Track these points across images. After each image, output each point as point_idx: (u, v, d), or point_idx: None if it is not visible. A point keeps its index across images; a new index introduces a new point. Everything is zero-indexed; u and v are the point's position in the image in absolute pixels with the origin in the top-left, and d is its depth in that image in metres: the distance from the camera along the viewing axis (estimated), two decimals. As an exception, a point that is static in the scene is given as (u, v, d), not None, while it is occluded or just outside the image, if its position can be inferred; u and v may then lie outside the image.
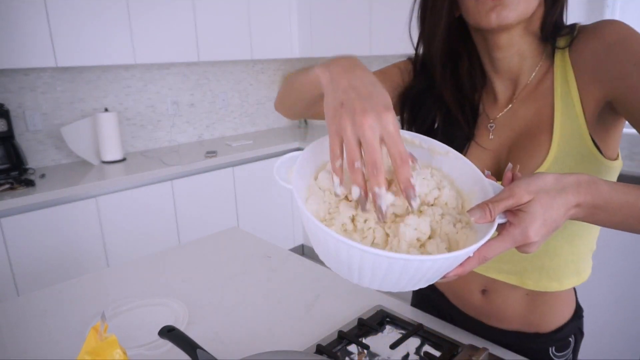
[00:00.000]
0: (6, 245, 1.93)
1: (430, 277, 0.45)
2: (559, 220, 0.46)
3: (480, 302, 0.82)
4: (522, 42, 0.68)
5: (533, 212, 0.45)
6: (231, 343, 0.86)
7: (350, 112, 0.44)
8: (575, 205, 0.46)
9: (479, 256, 0.45)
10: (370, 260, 0.41)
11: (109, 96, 2.68)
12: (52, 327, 0.93)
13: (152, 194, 2.37)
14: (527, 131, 0.69)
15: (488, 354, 0.75)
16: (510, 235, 0.46)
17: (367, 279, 0.45)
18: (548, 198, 0.45)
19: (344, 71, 0.47)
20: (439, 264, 0.42)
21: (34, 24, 2.08)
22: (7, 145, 2.23)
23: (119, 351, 0.53)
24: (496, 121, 0.74)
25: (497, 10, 0.61)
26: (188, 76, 3.01)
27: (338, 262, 0.45)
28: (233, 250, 1.29)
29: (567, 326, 0.80)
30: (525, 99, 0.71)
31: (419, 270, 0.42)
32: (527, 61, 0.70)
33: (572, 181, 0.46)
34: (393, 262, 0.41)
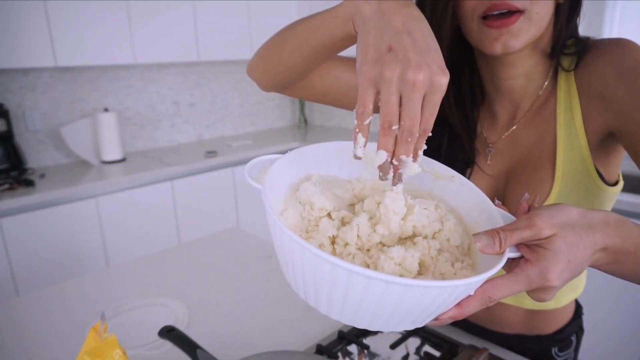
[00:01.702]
0: (6, 245, 1.93)
1: (419, 315, 0.36)
2: (583, 264, 0.38)
3: (481, 312, 0.81)
4: (530, 62, 0.62)
5: (556, 250, 0.36)
6: (231, 343, 0.86)
7: (402, 61, 0.34)
8: (602, 249, 0.39)
9: (483, 296, 0.37)
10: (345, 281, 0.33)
11: (108, 96, 2.68)
12: (52, 327, 0.93)
13: (152, 194, 2.37)
14: (527, 161, 0.64)
15: (488, 354, 0.75)
16: (525, 274, 0.37)
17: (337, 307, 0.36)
18: (574, 236, 0.37)
19: (399, 6, 0.36)
20: (431, 296, 0.33)
21: (34, 24, 2.07)
22: (6, 145, 2.23)
23: (118, 351, 0.53)
24: (495, 146, 0.68)
25: (502, 40, 0.55)
26: (188, 76, 3.01)
27: (308, 282, 0.37)
28: (233, 250, 1.29)
29: (569, 326, 0.80)
30: (526, 123, 0.65)
31: (406, 300, 0.33)
32: (533, 83, 0.64)
33: (600, 219, 0.39)
34: (372, 283, 0.32)
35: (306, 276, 0.36)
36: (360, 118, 0.38)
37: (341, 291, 0.34)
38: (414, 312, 0.35)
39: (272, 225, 0.37)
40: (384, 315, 0.35)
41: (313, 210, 0.43)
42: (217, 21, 2.72)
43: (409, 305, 0.34)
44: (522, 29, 0.55)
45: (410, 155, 0.37)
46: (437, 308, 0.36)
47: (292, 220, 0.43)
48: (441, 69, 0.35)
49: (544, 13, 0.56)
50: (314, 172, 0.48)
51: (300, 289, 0.40)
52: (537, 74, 0.64)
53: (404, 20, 0.35)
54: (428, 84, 0.34)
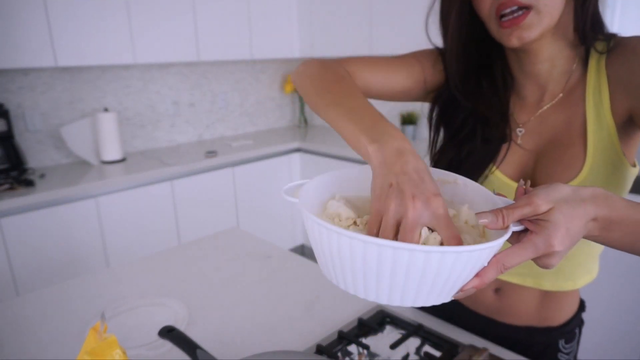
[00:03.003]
0: (6, 245, 1.93)
1: (444, 285, 0.41)
2: (580, 232, 0.44)
3: (492, 300, 0.82)
4: (553, 47, 0.67)
5: (555, 221, 0.43)
6: (231, 343, 0.86)
7: (399, 193, 0.43)
8: (593, 219, 0.45)
9: (497, 264, 0.43)
10: (369, 254, 0.39)
11: (108, 96, 2.68)
12: (52, 327, 0.93)
13: (152, 194, 2.37)
14: (557, 140, 0.69)
15: (488, 354, 0.75)
16: (532, 243, 0.43)
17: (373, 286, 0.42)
18: (569, 208, 0.43)
19: (397, 155, 0.45)
20: (450, 262, 0.39)
21: (34, 24, 2.07)
22: (6, 145, 2.23)
23: (118, 351, 0.53)
24: (525, 126, 0.73)
25: (516, 34, 0.62)
26: (188, 76, 3.01)
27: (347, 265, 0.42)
28: (233, 250, 1.29)
29: (574, 318, 0.82)
30: (556, 106, 0.70)
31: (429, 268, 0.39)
32: (558, 68, 0.69)
33: (589, 194, 0.45)
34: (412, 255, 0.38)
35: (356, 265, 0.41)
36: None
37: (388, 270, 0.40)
38: (439, 281, 0.40)
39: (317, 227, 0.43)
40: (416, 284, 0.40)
41: (341, 221, 0.49)
42: (217, 21, 2.72)
43: (433, 274, 0.39)
44: (532, 22, 0.60)
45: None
46: (459, 277, 0.41)
47: None
48: (433, 193, 0.42)
49: (552, 3, 0.60)
50: (341, 192, 0.54)
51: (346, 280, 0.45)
52: (562, 59, 0.68)
53: (401, 166, 0.44)
54: (425, 206, 0.41)
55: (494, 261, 0.43)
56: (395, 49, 2.62)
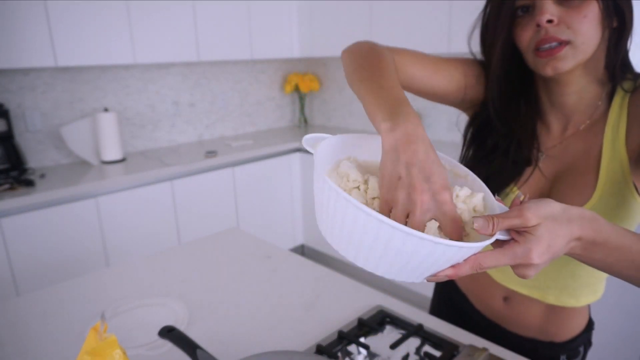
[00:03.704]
0: (6, 245, 1.93)
1: (425, 267, 0.44)
2: (561, 250, 0.46)
3: (500, 308, 0.85)
4: (582, 81, 0.70)
5: (539, 236, 0.45)
6: (231, 343, 0.86)
7: (408, 187, 0.44)
8: (577, 238, 0.47)
9: (474, 262, 0.45)
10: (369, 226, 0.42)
11: (108, 96, 2.68)
12: (52, 327, 0.93)
13: (152, 194, 2.37)
14: (574, 167, 0.72)
15: (488, 354, 0.76)
16: (513, 251, 0.45)
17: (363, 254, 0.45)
18: (555, 225, 0.45)
19: (408, 142, 0.45)
20: (427, 250, 0.42)
21: (34, 24, 2.07)
22: (6, 145, 2.23)
23: (118, 351, 0.53)
24: (547, 152, 0.77)
25: (551, 64, 0.65)
26: (188, 76, 3.01)
27: (345, 232, 0.45)
28: (233, 250, 1.29)
29: (580, 337, 0.83)
30: (577, 135, 0.74)
31: (415, 251, 0.42)
32: (585, 100, 0.72)
33: (577, 214, 0.47)
34: (394, 234, 0.41)
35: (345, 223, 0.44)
36: None
37: (369, 238, 0.43)
38: (414, 259, 0.43)
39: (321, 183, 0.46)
40: (400, 262, 0.44)
41: (349, 182, 0.51)
42: (217, 21, 2.72)
43: (421, 256, 0.42)
44: (567, 55, 0.64)
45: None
46: (436, 263, 0.44)
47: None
48: (442, 187, 0.44)
49: (588, 41, 0.64)
50: (356, 155, 0.57)
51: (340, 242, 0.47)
52: (589, 94, 0.72)
53: (411, 155, 0.45)
54: (432, 201, 0.44)
55: (472, 259, 0.45)
56: (395, 49, 2.63)
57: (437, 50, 2.34)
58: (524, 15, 0.68)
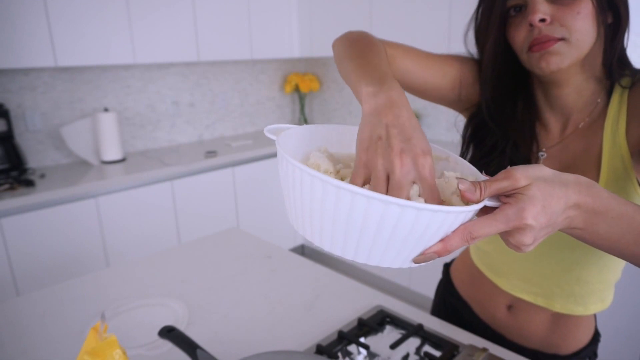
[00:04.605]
0: (6, 245, 1.93)
1: (411, 244, 0.40)
2: (559, 213, 0.42)
3: (504, 317, 0.84)
4: (580, 79, 0.69)
5: (532, 195, 0.41)
6: (231, 343, 0.86)
7: (388, 148, 0.41)
8: (575, 205, 0.43)
9: (464, 231, 0.40)
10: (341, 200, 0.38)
11: (108, 96, 2.68)
12: (52, 327, 0.93)
13: (152, 194, 2.37)
14: (575, 166, 0.71)
15: (488, 354, 0.75)
16: (504, 214, 0.41)
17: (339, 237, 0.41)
18: (548, 186, 0.41)
19: (390, 106, 0.44)
20: (423, 221, 0.38)
21: (34, 24, 2.07)
22: (6, 145, 2.23)
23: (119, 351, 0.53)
24: (547, 151, 0.75)
25: (545, 59, 0.63)
26: (188, 76, 3.01)
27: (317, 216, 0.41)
28: (233, 250, 1.29)
29: (584, 350, 0.81)
30: (577, 134, 0.72)
31: (397, 223, 0.37)
32: (583, 98, 0.71)
33: (572, 179, 0.43)
34: (372, 204, 0.37)
35: (313, 206, 0.40)
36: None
37: (344, 217, 0.38)
38: (397, 234, 0.39)
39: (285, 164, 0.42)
40: (375, 242, 0.39)
41: (320, 172, 0.46)
42: (217, 21, 2.72)
43: (405, 228, 0.38)
44: (561, 50, 0.62)
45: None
46: (422, 237, 0.39)
47: None
48: (422, 150, 0.41)
49: (583, 38, 0.62)
50: (327, 146, 0.54)
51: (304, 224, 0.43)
52: (587, 91, 0.70)
53: (393, 117, 0.42)
54: (413, 164, 0.40)
55: (462, 228, 0.40)
56: (395, 49, 2.63)
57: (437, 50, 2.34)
58: (516, 15, 0.67)
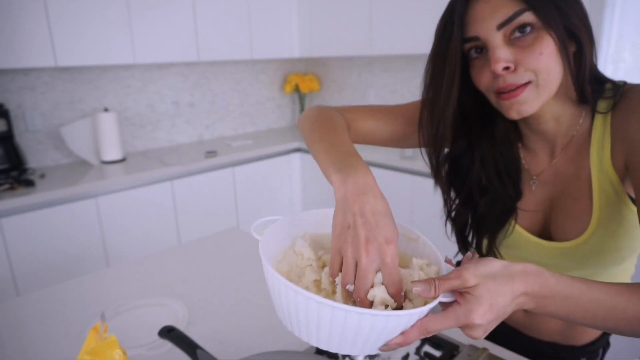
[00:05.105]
0: (6, 245, 1.93)
1: (374, 338, 0.45)
2: (505, 307, 0.46)
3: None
4: (556, 108, 0.67)
5: (479, 296, 0.45)
6: (231, 343, 0.86)
7: (355, 237, 0.46)
8: (523, 294, 0.47)
9: (421, 327, 0.45)
10: (310, 308, 0.43)
11: (108, 96, 2.68)
12: (52, 327, 0.93)
13: (152, 194, 2.37)
14: (568, 192, 0.70)
15: (488, 354, 0.76)
16: (454, 313, 0.46)
17: (313, 333, 0.46)
18: (495, 284, 0.46)
19: (358, 194, 0.48)
20: (380, 324, 0.43)
21: (34, 24, 2.07)
22: (6, 145, 2.23)
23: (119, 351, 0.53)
24: (539, 178, 0.74)
25: (515, 108, 0.62)
26: (188, 76, 3.01)
27: (294, 316, 0.47)
28: (233, 250, 1.29)
29: (599, 340, 0.83)
30: (566, 157, 0.71)
31: (359, 326, 0.43)
32: (564, 124, 0.69)
33: (520, 270, 0.47)
34: (335, 312, 0.42)
35: (290, 308, 0.46)
36: (332, 276, 0.50)
37: (315, 320, 0.44)
38: (370, 334, 0.44)
39: (265, 271, 0.49)
40: (349, 338, 0.45)
41: (303, 260, 0.54)
42: (217, 21, 2.72)
43: (365, 329, 0.43)
44: (531, 96, 0.60)
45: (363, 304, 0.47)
46: (383, 332, 0.44)
47: (287, 267, 0.54)
48: (386, 240, 0.46)
49: (550, 77, 0.60)
50: (311, 230, 0.59)
51: (285, 321, 0.50)
52: (567, 116, 0.68)
53: (360, 206, 0.47)
54: (377, 252, 0.45)
55: (419, 324, 0.45)
56: (395, 49, 2.63)
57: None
58: (478, 57, 0.63)
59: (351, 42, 2.84)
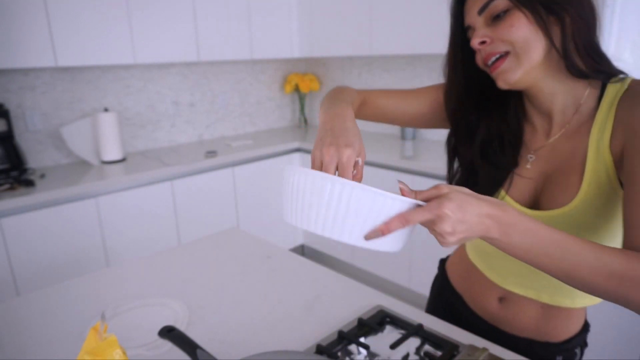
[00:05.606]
0: (6, 245, 1.93)
1: (360, 222, 0.54)
2: (472, 216, 0.53)
3: (496, 309, 0.86)
4: (552, 82, 0.71)
5: (450, 196, 0.53)
6: (231, 343, 0.86)
7: (322, 143, 0.61)
8: (487, 214, 0.54)
9: (400, 217, 0.54)
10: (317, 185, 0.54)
11: (108, 96, 2.68)
12: (52, 327, 0.93)
13: (152, 194, 2.37)
14: (561, 167, 0.73)
15: (488, 354, 0.76)
16: (429, 205, 0.54)
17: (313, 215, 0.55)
18: (464, 194, 0.54)
19: (332, 118, 0.65)
20: (370, 203, 0.53)
21: (34, 24, 2.07)
22: (6, 145, 2.23)
23: (119, 351, 0.53)
24: (536, 153, 0.78)
25: (500, 78, 0.70)
26: (188, 76, 3.01)
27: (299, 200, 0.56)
28: (233, 250, 1.29)
29: (575, 338, 0.84)
30: (565, 135, 0.74)
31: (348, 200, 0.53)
32: (560, 101, 0.73)
33: (487, 197, 0.56)
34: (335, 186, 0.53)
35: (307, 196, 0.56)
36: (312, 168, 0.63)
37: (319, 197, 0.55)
38: (367, 215, 0.54)
39: (285, 172, 0.60)
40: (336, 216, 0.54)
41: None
42: (217, 21, 2.72)
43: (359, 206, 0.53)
44: (511, 66, 0.68)
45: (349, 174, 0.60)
46: (368, 217, 0.54)
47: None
48: (345, 144, 0.60)
49: (527, 46, 0.66)
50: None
51: (294, 214, 0.58)
52: (564, 93, 0.72)
53: (331, 125, 0.64)
54: (335, 152, 0.59)
55: (399, 215, 0.54)
56: (395, 49, 2.63)
57: (437, 50, 2.34)
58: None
59: (351, 42, 2.84)
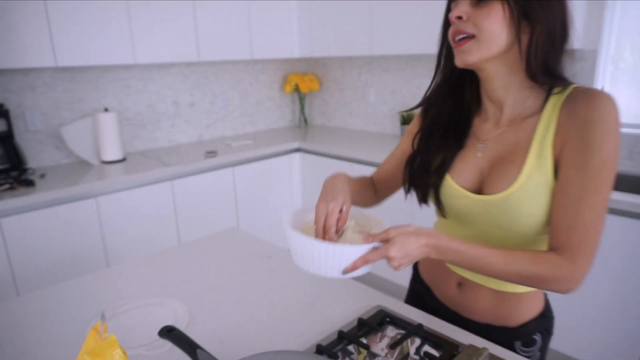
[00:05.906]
0: (6, 245, 1.93)
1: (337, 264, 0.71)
2: (413, 250, 0.70)
3: (456, 295, 0.92)
4: (504, 76, 0.78)
5: (395, 241, 0.70)
6: (231, 343, 0.86)
7: (319, 201, 0.80)
8: (425, 244, 0.71)
9: (363, 258, 0.70)
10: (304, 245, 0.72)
11: (108, 96, 2.68)
12: (52, 327, 0.93)
13: (152, 194, 2.37)
14: (505, 156, 0.81)
15: (488, 354, 0.76)
16: (379, 250, 0.70)
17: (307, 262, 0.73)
18: (406, 236, 0.71)
19: (326, 183, 0.85)
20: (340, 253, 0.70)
21: (34, 24, 2.07)
22: (6, 145, 2.23)
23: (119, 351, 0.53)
24: (485, 142, 0.85)
25: (459, 57, 0.77)
26: (188, 76, 3.01)
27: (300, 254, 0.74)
28: (233, 250, 1.29)
29: (532, 323, 0.87)
30: (512, 127, 0.81)
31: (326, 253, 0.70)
32: (512, 95, 0.80)
33: (425, 231, 0.72)
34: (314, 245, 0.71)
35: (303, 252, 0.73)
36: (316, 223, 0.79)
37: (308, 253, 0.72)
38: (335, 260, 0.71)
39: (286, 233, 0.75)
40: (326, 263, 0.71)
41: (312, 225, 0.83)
42: (217, 21, 2.72)
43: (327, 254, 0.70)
44: (471, 48, 0.75)
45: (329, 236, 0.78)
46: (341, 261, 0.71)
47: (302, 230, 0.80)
48: (331, 199, 0.78)
49: (491, 38, 0.73)
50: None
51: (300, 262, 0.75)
52: (516, 89, 0.79)
53: (326, 185, 0.84)
54: (325, 206, 0.78)
55: (361, 257, 0.71)
56: (395, 49, 2.63)
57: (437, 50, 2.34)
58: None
59: (351, 42, 2.84)
